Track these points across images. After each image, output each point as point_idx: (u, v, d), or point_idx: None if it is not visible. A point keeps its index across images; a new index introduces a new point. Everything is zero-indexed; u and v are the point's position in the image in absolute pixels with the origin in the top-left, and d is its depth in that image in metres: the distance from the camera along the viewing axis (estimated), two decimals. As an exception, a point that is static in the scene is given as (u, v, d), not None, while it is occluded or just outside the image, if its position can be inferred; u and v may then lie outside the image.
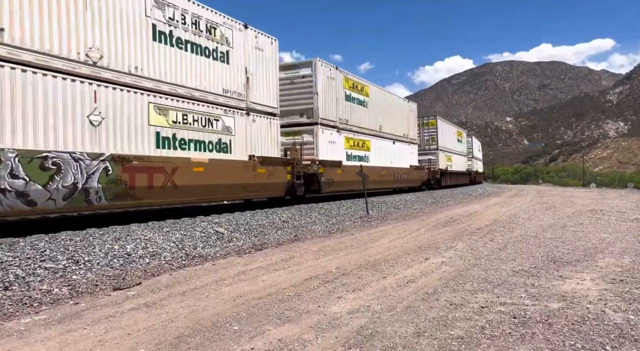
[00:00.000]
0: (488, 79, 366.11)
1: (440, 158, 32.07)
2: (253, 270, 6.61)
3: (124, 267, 6.61)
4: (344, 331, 3.90)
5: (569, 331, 3.81)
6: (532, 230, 10.39)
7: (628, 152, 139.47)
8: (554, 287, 5.24)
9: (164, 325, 4.18)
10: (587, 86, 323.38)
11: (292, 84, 16.41)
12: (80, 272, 6.11)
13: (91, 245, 7.02)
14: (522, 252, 7.63)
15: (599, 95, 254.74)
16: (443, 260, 6.99)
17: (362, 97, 20.10)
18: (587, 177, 74.65)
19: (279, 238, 9.78)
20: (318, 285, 5.59)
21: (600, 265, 6.45)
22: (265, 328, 4.04)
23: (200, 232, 8.94)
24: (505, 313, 4.29)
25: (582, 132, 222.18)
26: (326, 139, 16.59)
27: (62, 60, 7.89)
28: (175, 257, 7.43)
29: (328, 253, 7.94)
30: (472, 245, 8.47)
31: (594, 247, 8.07)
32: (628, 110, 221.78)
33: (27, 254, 6.24)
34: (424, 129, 31.96)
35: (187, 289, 5.53)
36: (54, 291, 5.36)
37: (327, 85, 16.80)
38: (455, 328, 3.93)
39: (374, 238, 9.64)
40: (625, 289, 5.11)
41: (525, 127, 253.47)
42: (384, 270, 6.40)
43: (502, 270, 6.23)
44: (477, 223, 12.05)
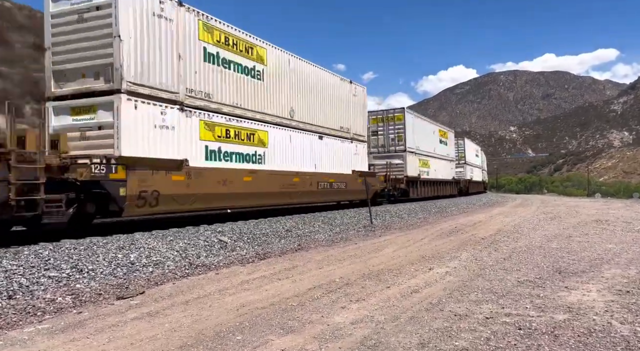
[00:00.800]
0: (492, 88, 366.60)
1: (410, 162, 25.58)
2: (256, 279, 6.59)
3: (128, 276, 6.60)
4: (347, 342, 3.88)
5: (575, 343, 3.77)
6: (537, 240, 10.32)
7: (633, 161, 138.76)
8: (560, 298, 5.19)
9: (167, 334, 4.17)
10: (591, 96, 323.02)
11: (80, 23, 9.54)
12: (84, 281, 6.11)
13: (95, 254, 7.03)
14: (527, 262, 7.58)
15: (603, 105, 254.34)
16: (447, 270, 6.95)
17: (247, 61, 12.96)
18: (591, 187, 74.27)
19: (283, 247, 9.76)
20: (321, 294, 5.57)
21: (606, 276, 6.39)
22: (268, 338, 4.02)
23: (203, 241, 8.94)
24: (510, 324, 4.25)
25: (587, 141, 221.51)
26: (145, 120, 9.70)
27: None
28: (178, 266, 7.42)
29: (331, 262, 7.91)
30: (476, 255, 8.42)
31: (600, 257, 8.00)
32: (633, 120, 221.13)
33: (31, 263, 6.26)
34: (388, 125, 25.37)
35: (191, 298, 5.52)
36: (58, 300, 5.36)
37: (152, 27, 9.93)
38: (459, 339, 3.90)
39: (377, 248, 9.61)
40: (632, 300, 5.06)
41: (529, 136, 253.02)
42: (388, 280, 6.36)
43: (506, 280, 6.18)
44: (481, 233, 11.99)
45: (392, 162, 24.63)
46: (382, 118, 25.74)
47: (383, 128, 25.59)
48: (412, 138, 25.99)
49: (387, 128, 25.47)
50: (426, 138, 29.01)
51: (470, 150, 45.48)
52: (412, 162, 25.96)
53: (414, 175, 25.98)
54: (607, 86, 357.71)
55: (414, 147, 26.48)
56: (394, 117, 25.40)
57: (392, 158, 25.01)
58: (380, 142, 25.61)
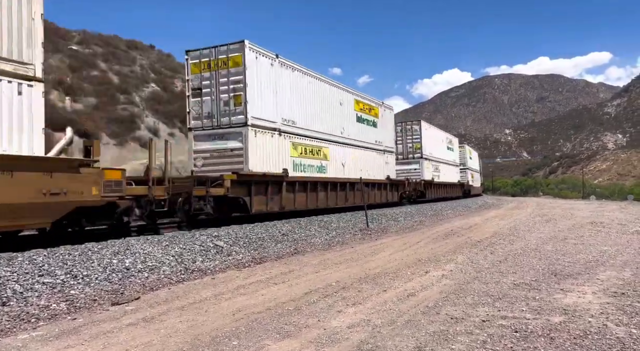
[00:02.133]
0: (487, 91, 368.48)
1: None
2: (252, 284, 6.57)
3: (123, 282, 6.56)
4: (344, 346, 3.87)
5: (571, 345, 3.78)
6: (533, 243, 10.35)
7: (627, 164, 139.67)
8: (556, 301, 5.21)
9: (163, 340, 4.14)
10: (585, 99, 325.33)
11: None
12: (78, 287, 6.07)
13: (90, 260, 6.98)
14: (523, 264, 7.60)
15: (597, 107, 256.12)
16: (443, 273, 6.96)
17: None
18: (586, 189, 74.66)
19: (279, 251, 9.74)
20: (318, 298, 5.56)
21: (601, 278, 6.42)
22: (264, 343, 4.00)
23: (199, 246, 8.90)
24: (506, 327, 4.26)
25: (581, 144, 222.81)
26: None
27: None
28: (174, 271, 7.39)
29: (328, 266, 7.90)
30: (472, 257, 8.44)
31: (595, 259, 8.04)
32: (626, 123, 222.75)
33: (25, 269, 6.21)
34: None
35: (186, 303, 5.49)
36: (52, 307, 5.32)
37: None
38: (456, 342, 3.89)
39: (374, 251, 9.60)
40: (627, 302, 5.08)
41: (524, 139, 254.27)
42: (384, 283, 6.36)
43: (503, 283, 6.19)
44: (477, 236, 12.01)
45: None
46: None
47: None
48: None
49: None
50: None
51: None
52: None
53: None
54: (600, 89, 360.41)
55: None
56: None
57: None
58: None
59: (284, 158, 14.19)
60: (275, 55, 14.02)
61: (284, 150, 14.26)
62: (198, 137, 13.37)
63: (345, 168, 18.24)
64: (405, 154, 28.47)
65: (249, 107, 12.71)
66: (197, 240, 9.30)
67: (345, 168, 18.24)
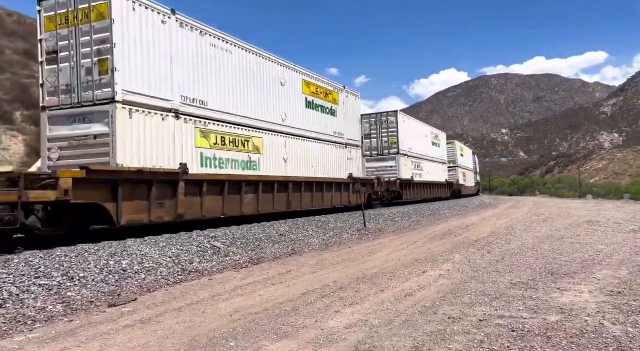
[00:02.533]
0: (483, 91, 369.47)
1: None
2: (250, 284, 6.57)
3: (120, 283, 6.55)
4: (341, 347, 3.87)
5: (568, 344, 3.79)
6: (530, 242, 10.38)
7: (623, 163, 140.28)
8: (552, 300, 5.22)
9: (160, 341, 4.13)
10: (581, 98, 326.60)
11: None
12: (75, 289, 6.05)
13: (86, 261, 6.96)
14: (520, 264, 7.62)
15: (593, 107, 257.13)
16: (441, 273, 6.97)
17: None
18: (583, 189, 74.95)
19: (276, 252, 9.73)
20: (315, 299, 5.55)
21: (598, 277, 6.44)
22: (262, 343, 4.00)
23: (196, 247, 8.89)
24: (503, 327, 4.26)
25: (578, 143, 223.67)
26: None
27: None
28: (171, 272, 7.37)
29: (325, 266, 7.90)
30: (469, 257, 8.45)
31: (592, 258, 8.06)
32: (622, 122, 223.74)
33: (21, 271, 6.19)
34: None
35: (184, 305, 5.48)
36: (49, 309, 5.30)
37: None
38: (453, 342, 3.90)
39: (371, 251, 9.61)
40: (624, 301, 5.10)
41: (521, 139, 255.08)
42: (382, 283, 6.36)
43: (500, 282, 6.21)
44: (474, 236, 12.03)
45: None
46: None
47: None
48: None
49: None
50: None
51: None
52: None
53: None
54: (596, 89, 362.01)
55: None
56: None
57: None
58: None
59: (183, 149, 10.67)
60: (170, 10, 10.58)
61: (184, 138, 10.73)
62: (54, 119, 9.69)
63: (288, 164, 14.87)
64: (380, 150, 25.15)
65: (119, 76, 9.13)
66: (194, 241, 9.28)
67: (288, 164, 14.87)
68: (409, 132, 26.70)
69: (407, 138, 26.11)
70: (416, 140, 28.14)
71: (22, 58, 29.00)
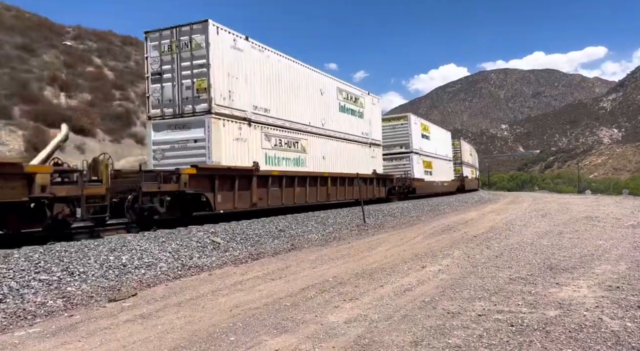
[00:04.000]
0: (483, 86, 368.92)
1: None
2: (250, 279, 6.58)
3: (120, 278, 6.56)
4: (341, 341, 3.88)
5: (567, 339, 3.80)
6: (529, 237, 10.40)
7: (622, 158, 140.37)
8: (551, 295, 5.24)
9: (160, 336, 4.14)
10: (581, 93, 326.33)
11: None
12: (75, 284, 6.06)
13: (86, 256, 6.97)
14: (519, 259, 7.64)
15: (592, 102, 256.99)
16: (440, 268, 6.99)
17: None
18: (582, 184, 75.03)
19: (276, 247, 9.75)
20: (315, 294, 5.57)
21: (596, 272, 6.46)
22: (261, 338, 4.01)
23: (196, 242, 8.90)
24: (502, 321, 4.28)
25: (577, 139, 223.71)
26: None
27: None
28: (171, 268, 7.38)
29: (325, 262, 7.91)
30: (468, 252, 8.47)
31: (590, 253, 8.08)
32: (622, 117, 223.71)
33: (21, 266, 6.19)
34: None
35: (183, 300, 5.49)
36: (49, 304, 5.31)
37: None
38: (452, 336, 3.92)
39: (370, 247, 9.63)
40: (622, 296, 5.12)
41: (520, 134, 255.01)
42: (381, 278, 6.38)
43: (499, 277, 6.22)
44: (473, 231, 12.06)
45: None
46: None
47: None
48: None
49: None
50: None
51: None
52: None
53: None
54: (596, 84, 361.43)
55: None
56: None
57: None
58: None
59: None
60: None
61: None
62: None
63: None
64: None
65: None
66: (194, 236, 9.29)
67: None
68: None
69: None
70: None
71: (20, 52, 28.96)
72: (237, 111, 12.29)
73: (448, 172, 35.63)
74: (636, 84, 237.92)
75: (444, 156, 34.69)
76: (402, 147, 26.59)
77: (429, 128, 30.85)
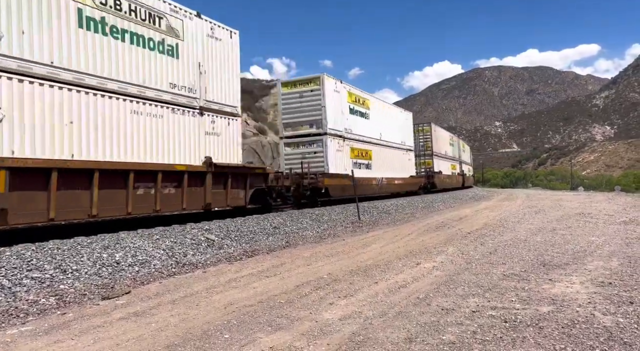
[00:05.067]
0: (477, 84, 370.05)
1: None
2: (244, 277, 6.57)
3: (113, 276, 6.52)
4: (335, 338, 3.88)
5: (559, 334, 3.83)
6: (522, 234, 10.46)
7: (615, 155, 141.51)
8: (544, 291, 5.27)
9: (154, 334, 4.13)
10: (574, 91, 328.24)
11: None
12: (67, 282, 6.02)
13: (79, 254, 6.92)
14: (512, 255, 7.68)
15: (585, 99, 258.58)
16: (434, 265, 7.01)
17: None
18: (575, 181, 75.54)
19: (270, 244, 9.73)
20: (309, 291, 5.57)
21: (589, 268, 6.51)
22: (256, 336, 4.01)
23: (190, 239, 8.87)
24: (496, 318, 4.30)
25: (570, 136, 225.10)
26: None
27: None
28: (165, 265, 7.35)
29: (319, 259, 7.92)
30: (462, 249, 8.50)
31: (583, 250, 8.14)
32: (614, 114, 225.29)
33: (13, 264, 6.14)
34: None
35: (178, 297, 5.47)
36: (41, 302, 5.27)
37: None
38: (447, 333, 3.93)
39: (365, 244, 9.64)
40: (614, 292, 5.16)
41: (514, 131, 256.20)
42: (376, 275, 6.39)
43: (492, 274, 6.25)
44: (467, 228, 12.11)
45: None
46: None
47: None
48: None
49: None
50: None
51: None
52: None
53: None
54: (589, 81, 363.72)
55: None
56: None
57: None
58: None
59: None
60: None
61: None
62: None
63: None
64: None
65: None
66: (188, 233, 9.26)
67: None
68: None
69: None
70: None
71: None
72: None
73: (406, 165, 27.07)
74: (629, 81, 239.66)
75: (399, 144, 26.52)
76: (313, 126, 18.18)
77: (368, 102, 21.93)
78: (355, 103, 20.40)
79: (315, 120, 17.79)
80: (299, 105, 18.02)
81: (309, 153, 17.83)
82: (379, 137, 22.68)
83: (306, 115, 17.92)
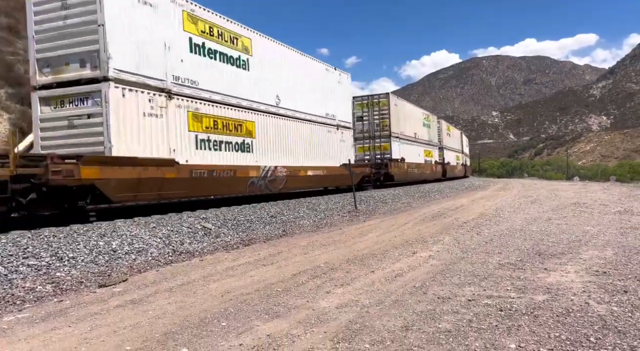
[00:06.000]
0: (474, 73, 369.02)
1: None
2: (241, 265, 6.58)
3: (110, 264, 6.52)
4: (332, 326, 3.90)
5: (554, 323, 3.86)
6: (518, 223, 10.51)
7: (610, 145, 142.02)
8: (539, 280, 5.31)
9: (151, 321, 4.14)
10: (571, 80, 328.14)
11: None
12: (64, 269, 6.02)
13: (75, 242, 6.91)
14: (508, 245, 7.72)
15: (582, 89, 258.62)
16: (430, 254, 7.04)
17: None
18: (571, 171, 75.88)
19: (267, 233, 9.75)
20: (306, 280, 5.59)
21: (584, 258, 6.55)
22: (253, 323, 4.02)
23: (187, 228, 8.86)
24: (491, 306, 4.33)
25: (566, 126, 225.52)
26: None
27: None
28: (162, 253, 7.36)
29: (316, 247, 7.94)
30: (459, 238, 8.54)
31: (578, 239, 8.19)
32: (611, 105, 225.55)
33: (9, 251, 6.12)
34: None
35: (175, 285, 5.48)
36: (38, 289, 5.27)
37: None
38: (443, 321, 3.96)
39: (362, 233, 9.67)
40: (609, 281, 5.20)
41: (511, 121, 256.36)
42: (372, 264, 6.42)
43: (488, 263, 6.29)
44: (463, 217, 12.15)
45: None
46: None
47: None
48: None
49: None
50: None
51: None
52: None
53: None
54: (586, 71, 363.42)
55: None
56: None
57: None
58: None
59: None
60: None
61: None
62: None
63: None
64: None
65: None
66: (184, 222, 9.25)
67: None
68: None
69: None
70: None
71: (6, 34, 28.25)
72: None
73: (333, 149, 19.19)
74: (626, 71, 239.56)
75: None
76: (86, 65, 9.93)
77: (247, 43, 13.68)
78: (209, 37, 12.22)
79: (88, 52, 9.44)
80: (62, 24, 9.63)
81: (78, 118, 9.54)
82: (272, 102, 14.91)
83: (74, 43, 9.53)
